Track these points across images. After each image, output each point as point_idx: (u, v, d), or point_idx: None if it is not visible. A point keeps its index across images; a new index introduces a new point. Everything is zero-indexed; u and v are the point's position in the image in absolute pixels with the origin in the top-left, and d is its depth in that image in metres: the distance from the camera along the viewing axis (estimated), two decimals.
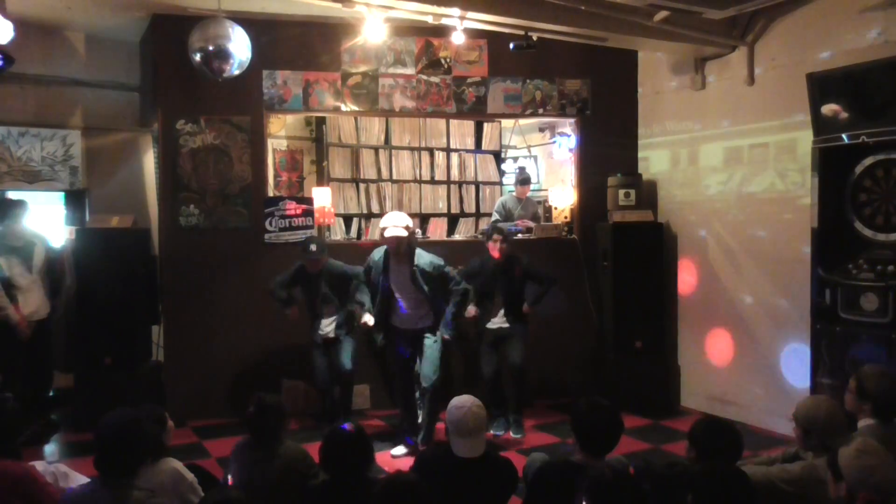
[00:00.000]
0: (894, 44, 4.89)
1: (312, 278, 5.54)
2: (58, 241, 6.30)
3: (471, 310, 5.54)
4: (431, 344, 5.23)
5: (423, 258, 5.19)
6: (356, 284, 5.45)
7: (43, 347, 5.73)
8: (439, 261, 5.27)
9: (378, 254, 5.29)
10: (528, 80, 6.75)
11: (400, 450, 5.29)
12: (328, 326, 5.63)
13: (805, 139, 5.30)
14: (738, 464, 3.05)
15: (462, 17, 5.30)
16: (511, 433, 5.72)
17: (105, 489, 2.71)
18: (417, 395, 5.41)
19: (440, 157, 7.73)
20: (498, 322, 5.69)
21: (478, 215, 7.75)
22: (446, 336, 5.25)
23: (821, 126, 4.97)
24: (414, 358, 5.37)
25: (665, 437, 5.73)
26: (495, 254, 5.60)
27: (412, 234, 5.18)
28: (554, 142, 9.34)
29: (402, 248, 5.15)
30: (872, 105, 4.68)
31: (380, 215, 7.07)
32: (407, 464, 4.30)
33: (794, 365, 5.56)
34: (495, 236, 5.62)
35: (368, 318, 5.28)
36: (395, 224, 5.08)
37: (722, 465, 2.68)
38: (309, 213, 6.30)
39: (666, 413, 6.31)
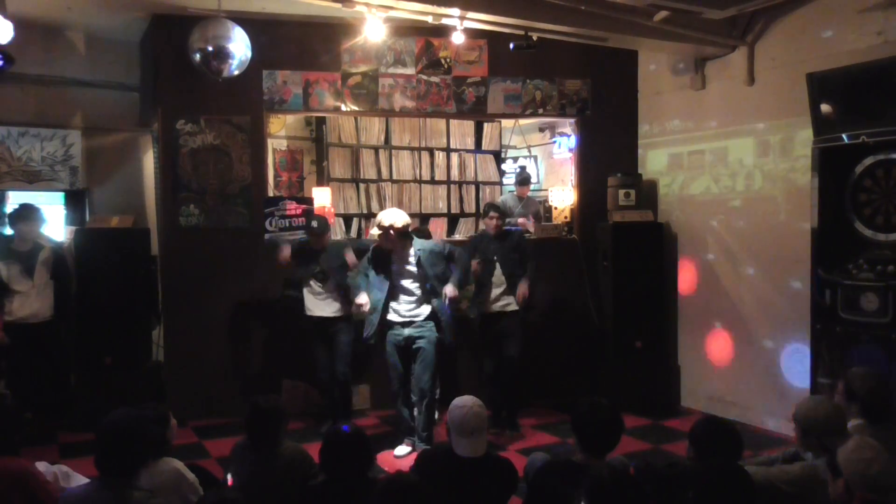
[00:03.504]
0: (894, 44, 4.89)
1: (313, 254, 5.55)
2: (58, 241, 6.29)
3: (474, 264, 5.60)
4: (427, 346, 5.17)
5: (425, 244, 5.25)
6: (358, 273, 5.47)
7: (46, 349, 5.72)
8: (440, 244, 5.35)
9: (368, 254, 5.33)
10: (528, 80, 6.74)
11: (402, 449, 5.28)
12: (329, 307, 5.58)
13: (806, 138, 5.30)
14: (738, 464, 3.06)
15: (462, 17, 5.30)
16: (507, 431, 5.73)
17: (105, 489, 2.70)
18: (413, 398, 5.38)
19: (440, 157, 7.72)
20: (497, 304, 5.68)
21: (478, 215, 7.74)
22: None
23: (821, 126, 4.97)
24: (408, 359, 5.31)
25: (665, 437, 5.73)
26: (492, 231, 5.72)
27: (406, 227, 5.18)
28: (554, 142, 9.35)
29: (397, 244, 5.15)
30: (872, 105, 4.68)
31: None
32: (407, 464, 4.30)
33: (794, 365, 5.56)
34: (491, 213, 5.74)
35: (362, 297, 5.24)
36: (393, 220, 5.09)
37: (723, 463, 2.68)
38: (309, 213, 6.29)
39: (666, 413, 6.31)
